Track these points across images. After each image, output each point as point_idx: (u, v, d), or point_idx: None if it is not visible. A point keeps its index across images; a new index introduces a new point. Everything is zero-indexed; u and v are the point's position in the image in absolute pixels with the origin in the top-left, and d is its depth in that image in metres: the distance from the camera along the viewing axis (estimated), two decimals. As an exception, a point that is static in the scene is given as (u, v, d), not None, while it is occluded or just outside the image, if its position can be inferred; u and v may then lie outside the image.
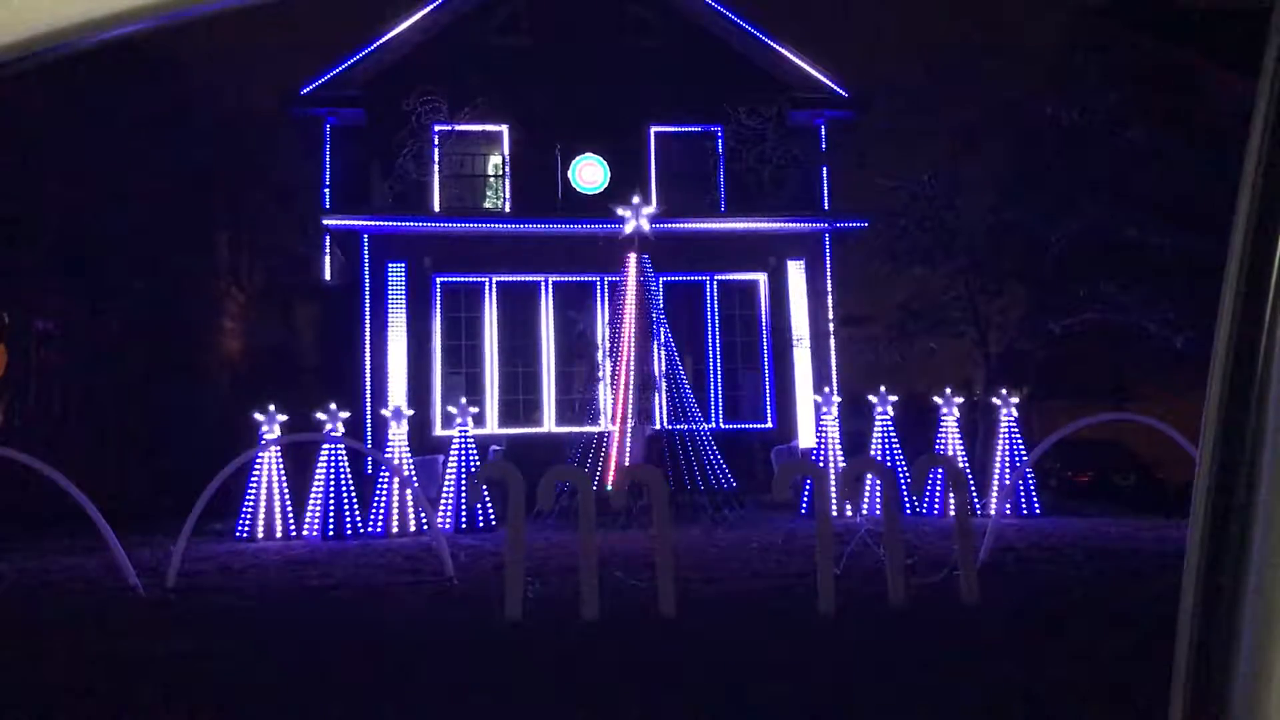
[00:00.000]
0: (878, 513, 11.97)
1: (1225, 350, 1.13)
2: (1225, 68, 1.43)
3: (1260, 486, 1.08)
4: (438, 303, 20.71)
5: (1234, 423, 1.12)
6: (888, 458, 15.88)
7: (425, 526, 13.98)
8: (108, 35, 1.11)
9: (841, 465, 15.55)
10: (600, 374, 18.16)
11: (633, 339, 17.25)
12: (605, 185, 21.33)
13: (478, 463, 15.33)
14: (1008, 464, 15.57)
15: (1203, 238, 14.27)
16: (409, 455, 15.46)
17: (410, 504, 14.78)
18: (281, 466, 14.71)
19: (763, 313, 21.41)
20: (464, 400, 16.38)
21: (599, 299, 20.69)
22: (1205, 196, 14.71)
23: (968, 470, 15.40)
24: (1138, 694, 5.17)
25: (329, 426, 14.61)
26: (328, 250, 22.60)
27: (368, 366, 20.25)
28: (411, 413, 16.13)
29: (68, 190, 16.71)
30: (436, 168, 21.71)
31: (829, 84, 22.84)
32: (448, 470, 15.54)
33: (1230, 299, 1.13)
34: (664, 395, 18.05)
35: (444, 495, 15.38)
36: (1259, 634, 1.06)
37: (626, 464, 16.00)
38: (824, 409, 16.57)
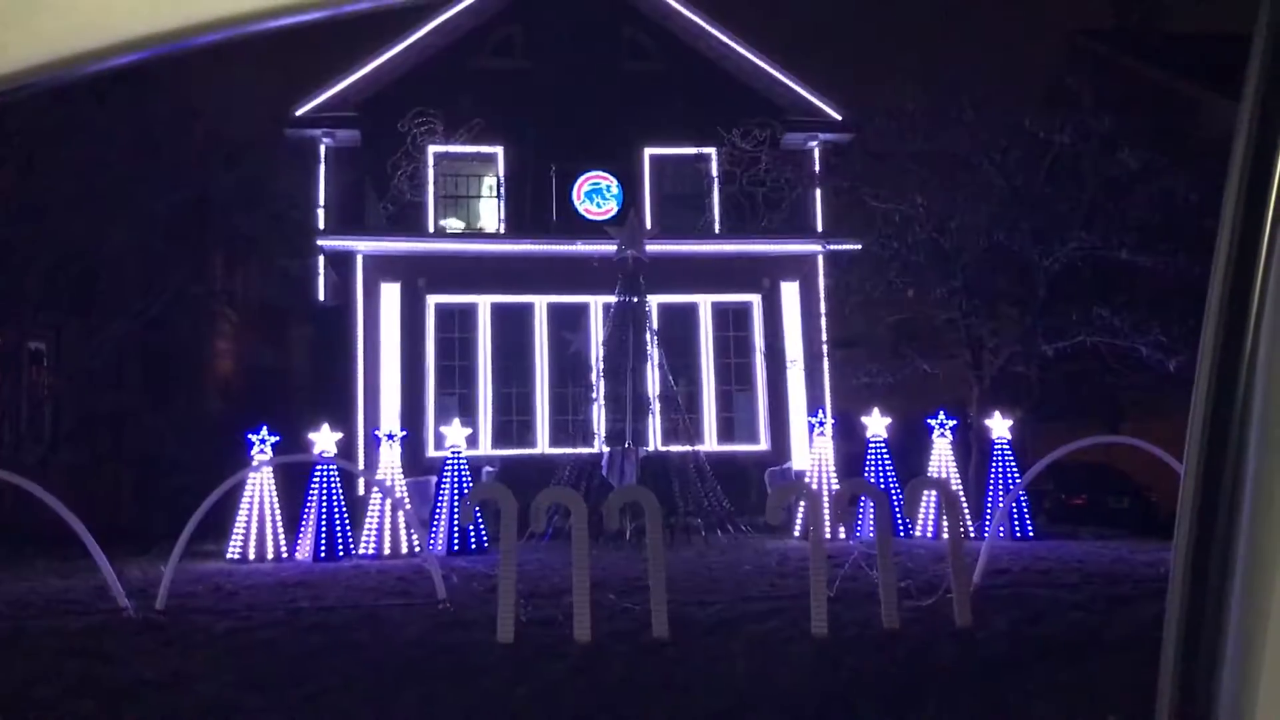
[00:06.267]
0: (871, 535, 11.95)
1: (1209, 367, 1.14)
2: (1216, 91, 1.45)
3: (1244, 499, 1.09)
4: (431, 323, 20.72)
5: (1218, 438, 1.13)
6: (881, 480, 15.87)
7: (417, 548, 13.91)
8: (112, 63, 1.12)
9: (835, 487, 15.54)
10: (594, 395, 18.15)
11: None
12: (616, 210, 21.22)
13: (470, 484, 15.29)
14: (1001, 487, 15.55)
15: (1194, 261, 14.33)
16: (401, 476, 15.42)
17: (402, 525, 14.72)
18: (274, 487, 14.65)
19: (756, 334, 21.44)
20: (457, 421, 16.35)
21: (593, 320, 20.69)
22: (1196, 219, 14.79)
23: (961, 493, 15.38)
24: (1128, 716, 5.16)
25: (321, 447, 14.57)
26: (322, 271, 22.61)
27: (361, 387, 20.22)
28: (404, 433, 16.10)
29: (62, 211, 16.70)
30: (431, 189, 21.76)
31: (823, 107, 22.98)
32: (440, 492, 15.48)
33: (1214, 318, 1.15)
34: (658, 417, 18.05)
35: (436, 517, 15.33)
36: (1244, 644, 1.07)
37: (620, 486, 15.97)
38: (817, 431, 16.57)
